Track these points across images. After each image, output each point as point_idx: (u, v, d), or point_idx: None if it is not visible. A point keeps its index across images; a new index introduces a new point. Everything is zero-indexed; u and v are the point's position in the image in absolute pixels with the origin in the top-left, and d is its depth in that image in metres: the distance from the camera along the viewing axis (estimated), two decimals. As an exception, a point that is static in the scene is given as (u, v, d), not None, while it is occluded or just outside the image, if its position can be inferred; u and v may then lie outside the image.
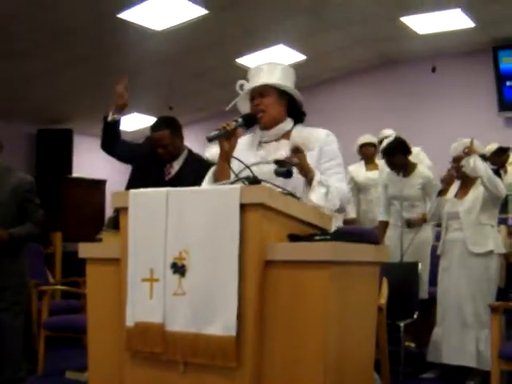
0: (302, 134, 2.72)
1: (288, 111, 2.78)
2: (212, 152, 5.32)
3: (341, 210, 2.65)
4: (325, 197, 2.47)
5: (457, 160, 4.55)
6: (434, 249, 5.17)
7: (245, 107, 2.80)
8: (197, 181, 3.60)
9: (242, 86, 2.76)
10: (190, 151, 4.12)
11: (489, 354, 4.10)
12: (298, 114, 2.81)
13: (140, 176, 4.03)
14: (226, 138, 2.58)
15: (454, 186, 4.70)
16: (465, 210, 4.49)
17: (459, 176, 4.59)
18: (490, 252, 4.41)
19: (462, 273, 4.45)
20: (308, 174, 2.49)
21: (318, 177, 2.49)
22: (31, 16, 5.90)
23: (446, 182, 4.66)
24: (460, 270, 4.47)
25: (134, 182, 3.94)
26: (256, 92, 2.72)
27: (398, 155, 5.22)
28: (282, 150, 2.65)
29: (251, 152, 2.71)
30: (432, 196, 5.11)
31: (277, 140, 2.73)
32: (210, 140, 2.53)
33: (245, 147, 2.73)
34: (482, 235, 4.43)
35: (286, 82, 2.74)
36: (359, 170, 6.22)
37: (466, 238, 4.43)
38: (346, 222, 5.91)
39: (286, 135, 2.74)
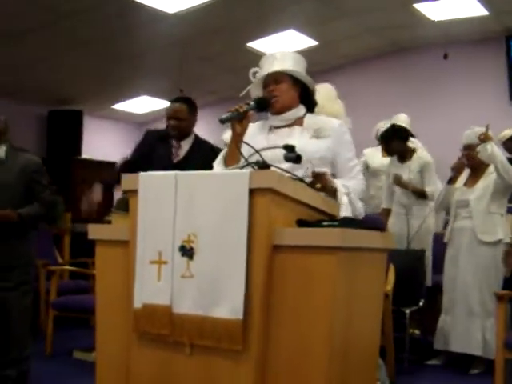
0: (315, 121, 2.75)
1: (300, 99, 2.80)
2: (228, 135, 5.40)
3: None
4: (349, 206, 2.51)
5: (468, 148, 4.54)
6: (436, 236, 5.19)
7: (258, 94, 2.81)
8: (205, 165, 3.66)
9: (254, 74, 2.78)
10: (196, 136, 4.15)
11: (494, 342, 4.13)
12: (309, 103, 2.84)
13: (148, 160, 4.07)
14: (238, 121, 2.59)
15: (464, 175, 4.69)
16: (475, 198, 4.49)
17: (470, 164, 4.58)
18: (499, 241, 4.42)
19: (470, 261, 4.45)
20: (330, 191, 2.52)
21: (341, 189, 2.52)
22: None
23: (457, 170, 4.65)
24: (467, 258, 4.47)
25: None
26: (270, 78, 2.74)
27: (395, 141, 5.25)
28: (295, 136, 2.68)
29: (262, 136, 2.74)
30: (429, 179, 5.15)
31: (289, 126, 2.76)
32: (223, 122, 2.54)
33: (256, 131, 2.76)
34: (492, 224, 4.44)
35: (298, 69, 2.77)
36: (375, 155, 6.18)
37: (476, 227, 4.43)
38: None
39: (299, 122, 2.76)
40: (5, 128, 4.12)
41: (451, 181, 4.67)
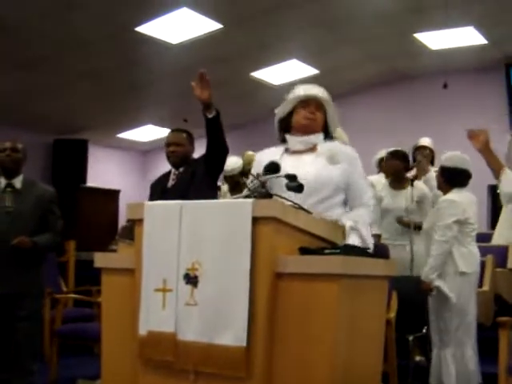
0: (328, 147, 2.79)
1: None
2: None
3: None
4: (359, 241, 2.51)
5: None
6: None
7: (285, 108, 2.87)
8: (194, 178, 3.74)
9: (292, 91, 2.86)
10: (191, 160, 4.24)
11: (449, 372, 4.15)
12: (327, 134, 2.89)
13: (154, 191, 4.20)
14: None
15: None
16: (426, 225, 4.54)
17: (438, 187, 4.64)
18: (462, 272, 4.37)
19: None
20: None
21: (348, 224, 2.52)
22: (49, 28, 6.01)
23: None
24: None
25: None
26: (312, 101, 2.83)
27: (394, 160, 5.31)
28: (309, 162, 2.72)
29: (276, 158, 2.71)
30: (426, 212, 5.18)
31: (304, 152, 2.78)
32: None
33: (272, 156, 2.74)
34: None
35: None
36: (379, 182, 6.19)
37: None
38: None
39: (314, 148, 2.79)
40: (24, 158, 4.19)
41: None
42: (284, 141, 2.89)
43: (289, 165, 2.66)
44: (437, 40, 7.15)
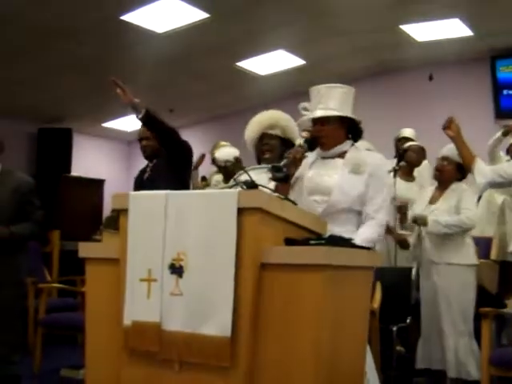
0: (356, 155, 2.98)
1: (348, 130, 3.03)
2: (221, 152, 5.59)
3: None
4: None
5: (445, 159, 4.57)
6: None
7: (305, 125, 3.14)
8: (165, 170, 3.76)
9: (304, 108, 3.04)
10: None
11: (469, 363, 4.11)
12: (357, 132, 3.07)
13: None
14: (295, 164, 2.85)
15: (429, 192, 4.70)
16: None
17: (440, 176, 4.62)
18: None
19: (438, 280, 4.40)
20: None
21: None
22: (33, 15, 5.95)
23: (400, 211, 4.79)
24: (434, 277, 4.43)
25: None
26: (317, 119, 2.96)
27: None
28: (336, 170, 2.94)
29: (307, 161, 3.01)
30: None
31: (333, 157, 3.01)
32: (279, 170, 2.76)
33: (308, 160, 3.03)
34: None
35: (343, 105, 2.97)
36: None
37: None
38: None
39: (342, 155, 2.99)
40: (1, 149, 4.16)
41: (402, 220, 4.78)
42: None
43: (317, 167, 2.98)
44: (423, 32, 7.16)
